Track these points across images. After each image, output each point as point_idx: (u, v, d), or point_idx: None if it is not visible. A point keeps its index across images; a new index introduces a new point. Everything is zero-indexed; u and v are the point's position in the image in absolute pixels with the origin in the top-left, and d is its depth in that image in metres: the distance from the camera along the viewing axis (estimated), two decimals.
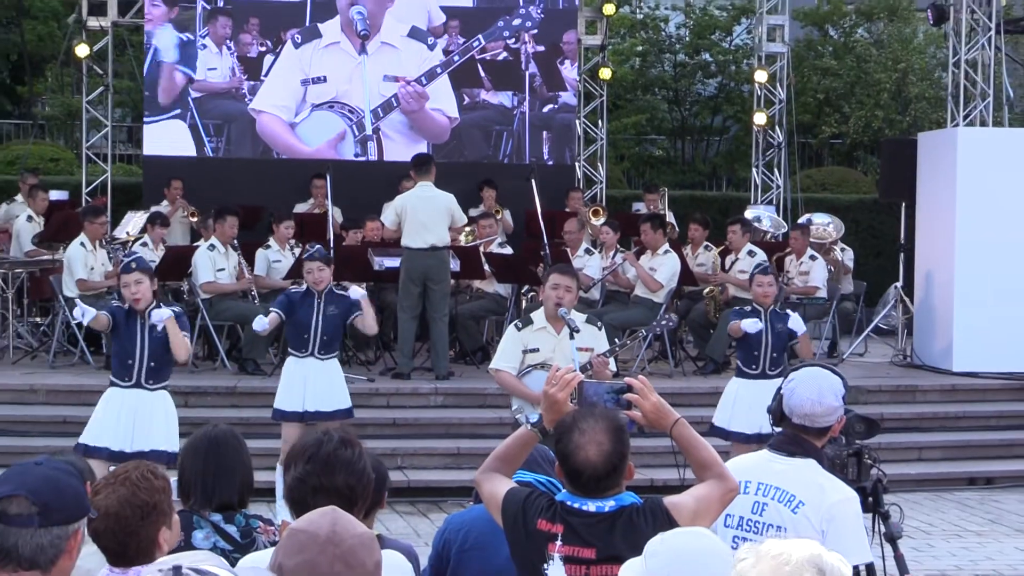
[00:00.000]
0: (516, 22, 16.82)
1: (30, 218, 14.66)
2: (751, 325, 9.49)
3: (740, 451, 8.66)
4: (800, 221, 15.88)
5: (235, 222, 13.13)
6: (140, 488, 3.62)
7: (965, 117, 15.21)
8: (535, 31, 16.86)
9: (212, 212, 13.52)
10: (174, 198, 15.34)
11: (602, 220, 15.29)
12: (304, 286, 10.04)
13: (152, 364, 8.45)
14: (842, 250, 15.93)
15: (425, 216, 12.44)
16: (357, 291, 10.10)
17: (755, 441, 9.04)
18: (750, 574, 2.65)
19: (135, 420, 8.48)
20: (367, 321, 9.84)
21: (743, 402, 9.65)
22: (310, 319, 9.75)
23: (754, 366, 9.67)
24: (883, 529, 5.10)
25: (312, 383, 9.88)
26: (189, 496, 4.53)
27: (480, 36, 16.73)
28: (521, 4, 16.87)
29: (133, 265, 8.64)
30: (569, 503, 3.95)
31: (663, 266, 13.33)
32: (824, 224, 15.82)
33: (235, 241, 13.17)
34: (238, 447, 4.68)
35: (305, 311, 9.78)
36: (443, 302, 12.78)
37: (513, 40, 16.84)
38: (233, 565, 4.05)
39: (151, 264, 9.71)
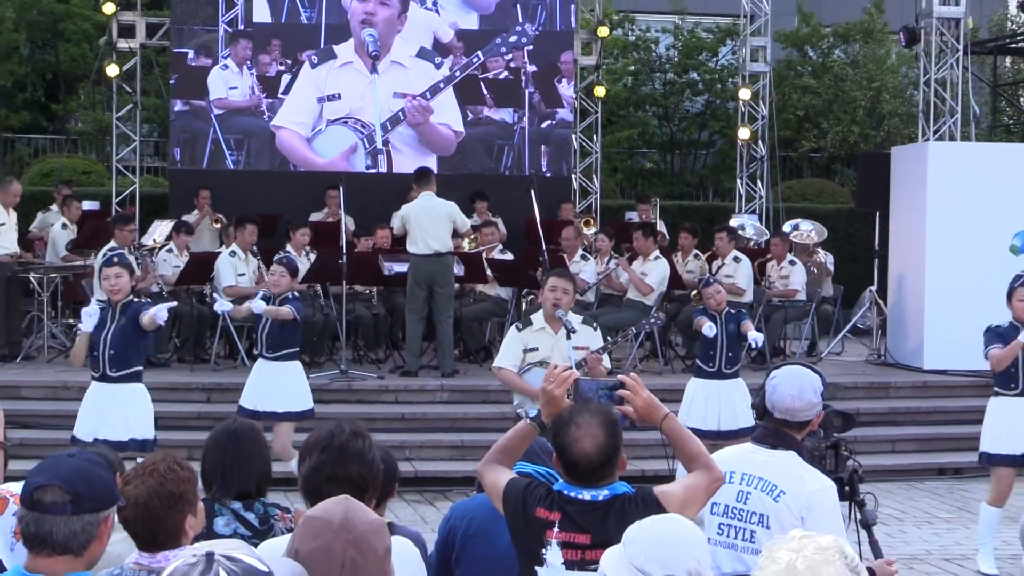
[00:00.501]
0: (512, 39, 16.88)
1: (64, 226, 14.69)
2: (708, 329, 9.81)
3: None
4: (787, 227, 15.93)
5: (254, 230, 13.17)
6: (167, 479, 3.62)
7: (935, 132, 15.22)
8: (531, 48, 16.91)
9: (232, 221, 13.55)
10: (202, 206, 15.37)
11: (593, 229, 15.32)
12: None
13: (112, 352, 8.50)
14: (824, 254, 15.98)
15: (428, 223, 12.46)
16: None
17: (709, 437, 9.13)
18: (780, 551, 2.67)
19: (105, 412, 8.57)
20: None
21: (699, 400, 9.93)
22: (261, 320, 9.94)
23: (711, 364, 9.97)
24: (859, 516, 5.09)
25: (270, 383, 9.92)
26: (211, 485, 4.52)
27: (479, 52, 16.78)
28: (521, 24, 16.93)
29: (115, 260, 8.82)
30: (566, 492, 3.96)
31: (654, 271, 13.37)
32: (808, 231, 15.87)
33: (255, 247, 13.20)
34: (255, 440, 4.68)
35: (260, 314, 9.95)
36: (448, 304, 12.79)
37: (512, 59, 16.89)
38: None
39: (131, 261, 9.75)
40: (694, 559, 3.08)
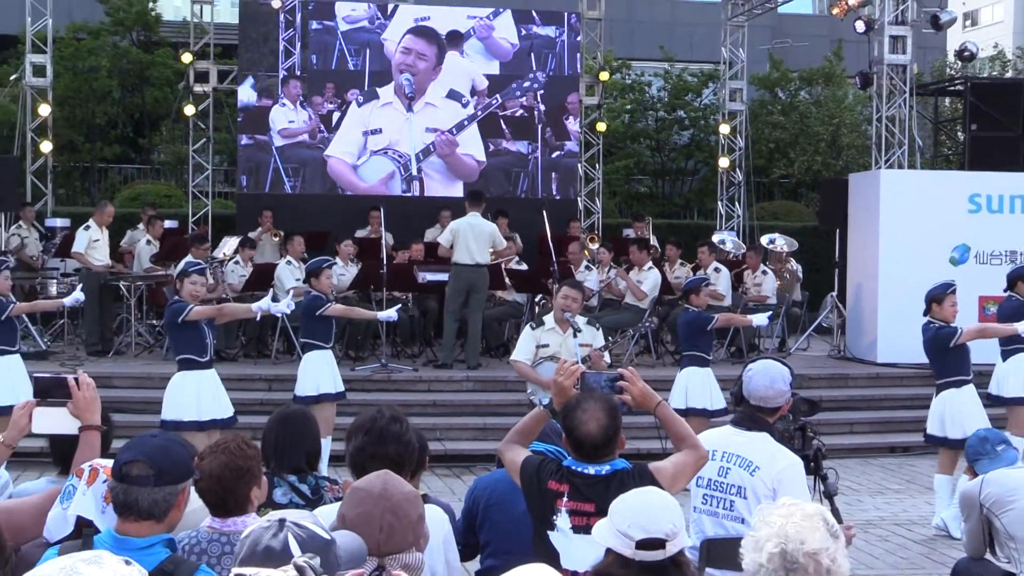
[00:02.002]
0: (526, 84, 16.98)
1: (148, 242, 14.72)
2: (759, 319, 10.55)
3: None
4: (764, 240, 15.89)
5: (301, 241, 13.21)
6: (236, 455, 3.62)
7: (886, 162, 15.16)
8: (542, 90, 16.98)
9: (282, 236, 13.59)
10: (265, 223, 15.37)
11: (597, 244, 15.30)
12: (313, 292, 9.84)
13: (213, 341, 8.62)
14: (795, 264, 15.94)
15: (473, 239, 12.45)
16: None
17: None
18: (772, 516, 2.66)
19: (219, 395, 8.57)
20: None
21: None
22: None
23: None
24: (822, 488, 5.06)
25: (334, 370, 9.75)
26: (268, 462, 4.51)
27: (498, 95, 16.85)
28: (535, 70, 17.00)
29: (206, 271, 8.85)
30: (574, 467, 3.95)
31: (647, 279, 13.35)
32: (782, 244, 15.85)
33: (304, 255, 13.19)
34: (305, 423, 4.64)
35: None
36: (480, 307, 12.82)
37: (527, 99, 16.96)
38: None
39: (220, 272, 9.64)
40: (670, 523, 3.09)
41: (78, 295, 9.77)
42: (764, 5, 19.05)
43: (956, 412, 8.49)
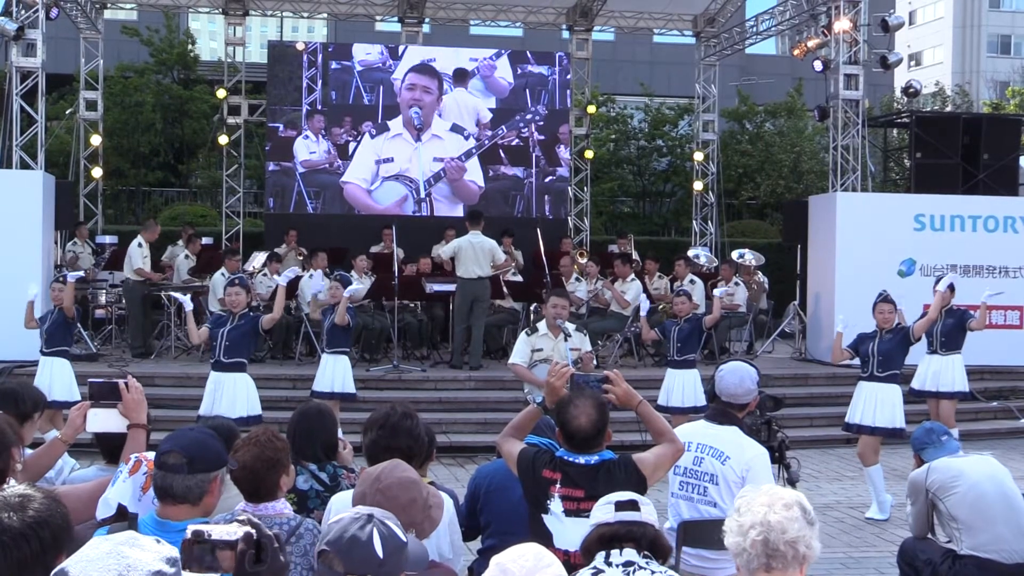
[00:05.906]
0: (528, 116, 17.02)
1: (186, 256, 14.72)
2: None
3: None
4: (735, 254, 15.89)
5: (324, 256, 13.21)
6: (267, 447, 3.61)
7: (842, 185, 15.18)
8: (541, 123, 16.98)
9: (307, 252, 13.57)
10: (291, 242, 15.37)
11: (586, 259, 15.30)
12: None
13: (227, 344, 8.51)
14: (762, 276, 15.94)
15: (474, 255, 12.45)
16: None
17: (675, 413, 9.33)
18: (756, 504, 2.65)
19: (221, 399, 8.51)
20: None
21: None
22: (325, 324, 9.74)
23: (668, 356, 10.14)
24: (786, 475, 5.06)
25: (335, 371, 9.75)
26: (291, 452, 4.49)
27: (503, 126, 16.89)
28: (530, 105, 17.01)
29: (236, 282, 8.80)
30: (566, 457, 3.94)
31: (630, 290, 13.34)
32: (750, 258, 15.85)
33: (327, 269, 13.18)
34: (321, 418, 4.59)
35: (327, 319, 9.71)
36: (483, 315, 12.81)
37: (525, 130, 16.98)
38: (325, 503, 4.03)
39: (248, 284, 9.56)
40: (642, 496, 3.23)
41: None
42: (733, 47, 19.09)
43: (886, 402, 8.67)
